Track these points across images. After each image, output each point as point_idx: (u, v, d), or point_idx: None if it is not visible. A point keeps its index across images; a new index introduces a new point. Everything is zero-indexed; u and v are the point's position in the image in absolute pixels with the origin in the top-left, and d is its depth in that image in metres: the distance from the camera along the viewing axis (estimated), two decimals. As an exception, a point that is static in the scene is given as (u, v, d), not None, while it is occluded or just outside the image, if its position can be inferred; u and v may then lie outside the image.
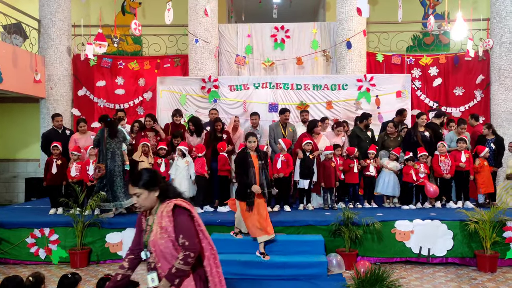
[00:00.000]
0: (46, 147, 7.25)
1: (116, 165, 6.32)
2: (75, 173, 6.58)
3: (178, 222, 2.60)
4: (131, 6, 11.51)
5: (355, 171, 7.06)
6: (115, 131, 6.35)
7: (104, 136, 6.30)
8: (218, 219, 6.12)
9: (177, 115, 7.77)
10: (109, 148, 6.32)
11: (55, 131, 7.47)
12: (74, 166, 6.62)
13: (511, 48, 8.64)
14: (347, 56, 9.01)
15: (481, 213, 5.63)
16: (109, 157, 6.31)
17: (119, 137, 6.41)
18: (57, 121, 7.49)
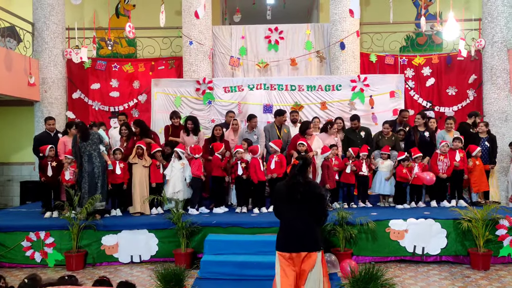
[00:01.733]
0: (38, 150, 7.24)
1: (95, 167, 6.33)
2: (69, 177, 6.57)
3: None
4: (125, 8, 11.52)
5: (347, 171, 7.10)
6: (86, 134, 6.38)
7: (76, 141, 6.32)
8: (213, 220, 6.14)
9: (175, 117, 7.80)
10: (84, 152, 6.31)
11: (47, 134, 7.49)
12: (68, 170, 6.61)
13: (503, 47, 8.72)
14: (341, 57, 9.06)
15: (474, 212, 5.69)
16: (86, 160, 6.29)
17: (93, 139, 6.42)
18: (49, 124, 7.50)
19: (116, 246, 6.00)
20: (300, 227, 3.53)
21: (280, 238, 3.63)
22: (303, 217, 3.54)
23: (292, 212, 3.57)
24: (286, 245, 3.56)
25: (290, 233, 3.56)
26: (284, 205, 3.62)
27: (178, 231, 5.79)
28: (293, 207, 3.56)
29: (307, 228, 3.54)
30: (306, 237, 3.52)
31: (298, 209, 3.56)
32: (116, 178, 6.65)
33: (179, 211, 5.93)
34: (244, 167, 6.88)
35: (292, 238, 3.54)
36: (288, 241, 3.55)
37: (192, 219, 5.97)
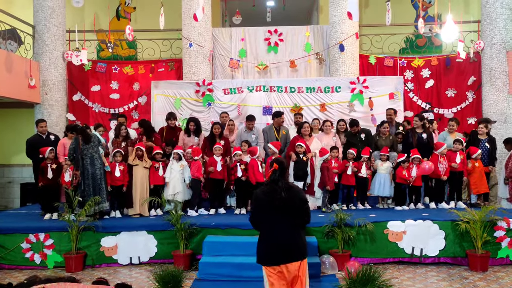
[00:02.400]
0: (31, 153, 7.30)
1: (97, 168, 6.42)
2: (69, 178, 6.60)
3: None
4: (125, 11, 11.57)
5: (349, 173, 7.12)
6: (88, 136, 6.46)
7: (79, 143, 6.38)
8: (212, 222, 6.16)
9: (171, 118, 7.82)
10: (86, 154, 6.38)
11: (39, 137, 7.51)
12: (68, 172, 6.64)
13: (502, 49, 8.72)
14: (340, 59, 9.09)
15: (472, 213, 5.70)
16: (88, 163, 6.36)
17: (94, 141, 6.51)
18: (41, 126, 7.54)
19: (115, 248, 6.03)
20: (286, 236, 3.32)
21: (264, 250, 3.39)
22: (287, 224, 3.34)
23: (275, 220, 3.35)
24: (272, 257, 3.35)
25: (276, 244, 3.33)
26: (265, 214, 3.39)
27: (177, 233, 5.81)
28: (276, 214, 3.35)
29: (293, 235, 3.34)
30: (293, 246, 3.34)
31: (281, 216, 3.34)
32: (115, 180, 6.67)
33: (178, 212, 5.96)
34: (243, 169, 6.91)
35: (279, 249, 3.32)
36: (274, 253, 3.33)
37: (191, 221, 5.99)
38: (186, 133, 7.54)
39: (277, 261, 3.33)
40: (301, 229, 3.43)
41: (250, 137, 7.57)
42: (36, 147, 7.12)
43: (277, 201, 3.33)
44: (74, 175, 6.42)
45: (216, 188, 7.05)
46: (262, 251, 3.42)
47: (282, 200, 3.33)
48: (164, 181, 6.90)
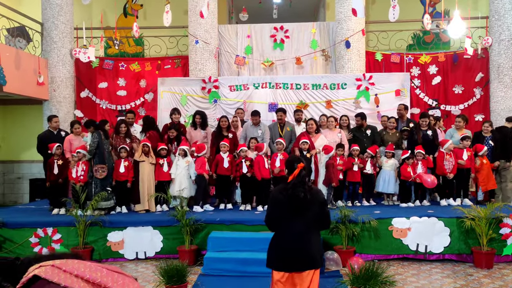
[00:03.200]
0: (42, 149, 7.38)
1: (111, 164, 6.71)
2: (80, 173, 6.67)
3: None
4: (132, 8, 11.63)
5: (355, 169, 7.13)
6: (107, 132, 6.69)
7: (101, 138, 6.58)
8: (217, 217, 6.21)
9: (176, 113, 7.87)
10: (106, 149, 6.60)
11: (50, 132, 7.59)
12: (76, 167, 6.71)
13: (510, 45, 8.65)
14: (346, 56, 9.07)
15: (477, 210, 5.68)
16: (107, 157, 6.58)
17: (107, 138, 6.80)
18: (55, 121, 7.62)
19: (121, 243, 6.10)
20: (304, 241, 3.10)
21: (277, 254, 3.15)
22: (305, 228, 3.13)
23: (292, 223, 3.13)
24: (286, 263, 3.10)
25: (292, 249, 3.09)
26: (283, 215, 3.15)
27: (182, 228, 5.87)
28: (295, 217, 3.13)
29: (311, 241, 3.13)
30: (310, 252, 3.11)
31: (300, 219, 3.12)
32: (120, 176, 6.75)
33: (183, 208, 6.01)
34: (248, 165, 6.95)
35: (294, 254, 3.09)
36: (289, 258, 3.09)
37: (196, 217, 6.04)
38: (192, 126, 7.59)
39: (289, 267, 3.11)
40: (318, 235, 3.24)
41: (256, 131, 7.60)
42: (46, 142, 7.20)
43: (298, 203, 3.10)
44: (102, 168, 6.54)
45: (223, 184, 7.10)
46: (273, 254, 3.18)
47: (304, 201, 3.10)
48: (170, 177, 6.96)
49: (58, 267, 1.99)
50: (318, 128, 7.37)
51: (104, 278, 2.04)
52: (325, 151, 6.97)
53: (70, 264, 2.04)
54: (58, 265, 2.00)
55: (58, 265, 2.01)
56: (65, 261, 2.07)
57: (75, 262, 2.06)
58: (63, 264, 2.03)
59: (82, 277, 2.00)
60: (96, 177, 6.57)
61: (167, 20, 6.97)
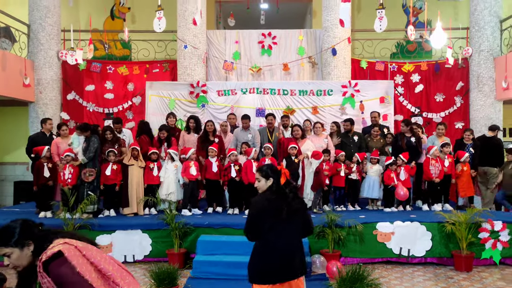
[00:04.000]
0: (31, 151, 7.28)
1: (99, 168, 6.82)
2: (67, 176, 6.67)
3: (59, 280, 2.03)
4: (120, 11, 11.64)
5: (342, 174, 7.30)
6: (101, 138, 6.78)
7: (99, 143, 6.74)
8: (206, 221, 6.28)
9: (171, 117, 7.95)
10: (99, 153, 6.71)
11: (43, 134, 7.57)
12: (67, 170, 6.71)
13: (489, 56, 8.97)
14: (333, 63, 9.26)
15: (458, 215, 5.90)
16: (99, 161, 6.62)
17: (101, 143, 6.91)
18: (49, 124, 7.61)
19: (110, 246, 6.12)
20: (290, 249, 3.01)
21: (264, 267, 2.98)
22: (293, 236, 3.05)
23: (280, 231, 2.99)
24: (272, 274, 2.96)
25: (277, 259, 2.97)
26: (269, 224, 2.99)
27: (171, 232, 5.93)
28: (282, 225, 3.00)
29: (296, 248, 3.06)
30: (296, 260, 3.03)
31: (288, 227, 3.01)
32: (108, 179, 6.77)
33: (172, 212, 6.07)
34: (237, 170, 7.05)
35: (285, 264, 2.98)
36: (275, 269, 2.96)
37: (185, 220, 6.11)
38: (186, 131, 7.65)
39: (281, 278, 2.98)
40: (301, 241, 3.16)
41: (246, 136, 7.71)
42: (38, 144, 7.14)
43: (285, 210, 2.99)
44: (90, 172, 6.62)
45: (212, 188, 7.18)
46: (259, 268, 3.00)
47: (291, 209, 3.01)
48: (159, 181, 7.01)
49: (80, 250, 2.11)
50: (304, 133, 7.52)
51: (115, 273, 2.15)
52: (315, 156, 7.11)
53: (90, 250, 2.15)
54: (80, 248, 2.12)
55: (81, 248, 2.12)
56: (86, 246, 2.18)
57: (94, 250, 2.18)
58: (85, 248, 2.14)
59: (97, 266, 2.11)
60: (84, 180, 6.60)
61: (160, 26, 6.99)
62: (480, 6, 8.96)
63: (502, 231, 6.02)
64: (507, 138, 10.67)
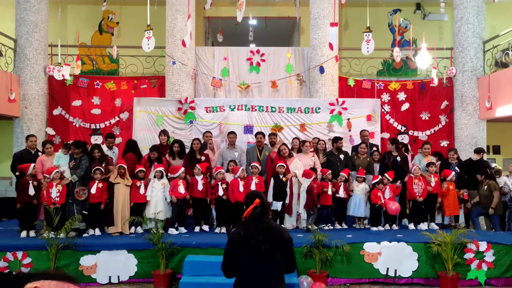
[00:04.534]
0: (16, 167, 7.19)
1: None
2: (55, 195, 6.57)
3: None
4: (108, 25, 11.63)
5: (329, 193, 7.32)
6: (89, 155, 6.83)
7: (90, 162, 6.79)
8: (193, 241, 6.22)
9: (163, 135, 7.91)
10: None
11: (27, 151, 7.47)
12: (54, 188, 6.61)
13: (473, 76, 9.17)
14: (320, 81, 9.35)
15: (443, 236, 5.94)
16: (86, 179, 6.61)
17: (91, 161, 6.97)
18: (31, 141, 7.49)
19: (94, 267, 6.01)
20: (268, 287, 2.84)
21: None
22: (268, 272, 2.83)
23: (253, 268, 2.82)
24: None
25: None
26: (242, 260, 2.84)
27: (157, 252, 5.85)
28: (255, 261, 2.82)
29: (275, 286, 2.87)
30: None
31: (261, 263, 2.81)
32: (93, 198, 6.69)
33: (159, 232, 6.00)
34: (224, 188, 7.02)
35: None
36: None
37: (172, 240, 6.03)
38: (170, 156, 7.57)
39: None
40: (283, 278, 2.94)
41: (232, 154, 7.71)
42: (23, 161, 7.04)
43: (256, 244, 2.79)
44: (81, 191, 6.62)
45: (199, 207, 7.13)
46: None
47: (263, 242, 2.79)
48: (146, 199, 6.95)
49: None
50: (291, 152, 7.55)
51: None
52: (306, 175, 7.10)
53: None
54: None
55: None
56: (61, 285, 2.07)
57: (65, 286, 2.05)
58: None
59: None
60: (77, 198, 6.59)
61: (149, 46, 6.98)
62: (463, 27, 9.18)
63: (487, 252, 6.09)
64: (491, 155, 10.86)
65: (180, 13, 9.16)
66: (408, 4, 11.84)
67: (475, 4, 9.08)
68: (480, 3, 9.12)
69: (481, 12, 9.15)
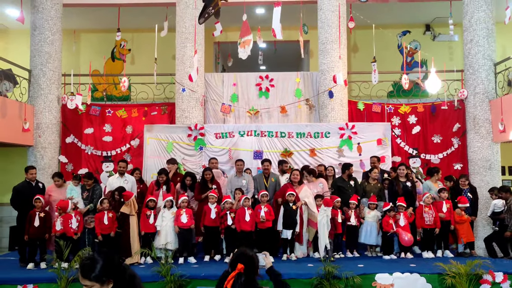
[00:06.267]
0: (17, 201, 7.20)
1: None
2: (59, 227, 6.63)
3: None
4: (120, 52, 11.86)
5: (339, 221, 7.23)
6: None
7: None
8: (202, 272, 6.17)
9: (169, 164, 7.95)
10: None
11: (28, 184, 7.40)
12: (59, 220, 6.68)
13: (485, 98, 9.04)
14: (329, 105, 9.33)
15: (458, 267, 5.80)
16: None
17: None
18: (31, 173, 7.42)
19: (104, 300, 5.98)
20: None
21: None
22: None
23: None
24: None
25: None
26: None
27: (166, 285, 5.82)
28: None
29: None
30: None
31: None
32: (105, 228, 6.72)
33: (168, 264, 5.97)
34: (233, 217, 6.99)
35: None
36: None
37: (180, 272, 6.00)
38: (182, 188, 7.58)
39: None
40: None
41: (240, 182, 7.70)
42: (24, 194, 7.11)
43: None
44: (90, 219, 6.86)
45: (210, 235, 7.11)
46: None
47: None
48: (156, 229, 6.95)
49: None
50: (302, 179, 7.50)
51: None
52: (327, 204, 6.94)
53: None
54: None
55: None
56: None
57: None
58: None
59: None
60: (87, 227, 6.79)
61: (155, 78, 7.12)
62: (473, 50, 9.10)
63: (504, 283, 5.91)
64: (507, 176, 10.63)
65: (189, 41, 9.29)
66: (417, 25, 11.83)
67: (485, 27, 9.01)
68: (490, 26, 9.05)
69: (491, 34, 9.06)
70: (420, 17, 11.43)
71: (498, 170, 8.87)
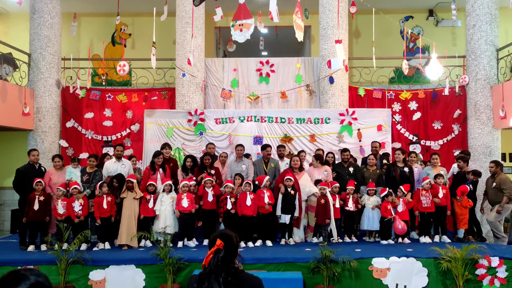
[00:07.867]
0: (21, 183, 7.21)
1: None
2: (62, 210, 6.69)
3: None
4: (121, 37, 11.79)
5: (337, 206, 7.25)
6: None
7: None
8: (200, 256, 6.22)
9: (167, 148, 7.96)
10: None
11: (31, 166, 7.42)
12: (60, 203, 6.73)
13: (486, 84, 8.98)
14: (330, 91, 9.30)
15: (454, 251, 5.82)
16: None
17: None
18: (33, 155, 7.42)
19: (103, 282, 6.06)
20: None
21: None
22: None
23: None
24: None
25: None
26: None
27: (165, 267, 5.88)
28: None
29: None
30: None
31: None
32: (104, 212, 6.77)
33: (166, 248, 6.02)
34: (233, 202, 7.02)
35: None
36: None
37: (179, 255, 6.05)
38: (183, 172, 7.60)
39: None
40: None
41: (240, 167, 7.71)
42: (28, 176, 7.16)
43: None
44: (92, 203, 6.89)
45: (208, 219, 7.15)
46: None
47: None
48: (155, 213, 7.00)
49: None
50: (302, 165, 7.50)
51: None
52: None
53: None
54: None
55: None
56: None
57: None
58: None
59: None
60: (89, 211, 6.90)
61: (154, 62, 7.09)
62: (476, 35, 9.02)
63: (499, 268, 5.94)
64: (507, 163, 10.61)
65: (189, 26, 9.23)
66: (420, 10, 11.69)
67: (488, 12, 8.91)
68: (493, 11, 8.94)
69: (494, 20, 8.96)
70: (423, 2, 11.29)
71: (498, 157, 8.85)
